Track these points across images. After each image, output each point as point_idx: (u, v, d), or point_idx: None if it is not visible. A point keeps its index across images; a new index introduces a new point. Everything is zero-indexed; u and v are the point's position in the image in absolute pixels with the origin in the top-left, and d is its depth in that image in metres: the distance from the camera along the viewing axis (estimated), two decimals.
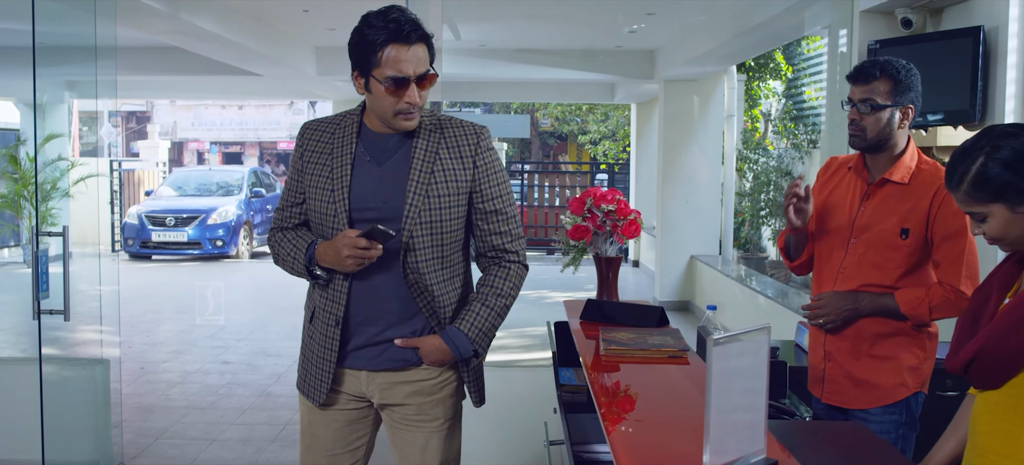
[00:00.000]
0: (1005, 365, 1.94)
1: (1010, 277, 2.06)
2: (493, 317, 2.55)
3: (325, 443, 2.62)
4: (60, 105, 13.50)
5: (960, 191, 1.98)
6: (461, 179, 2.49)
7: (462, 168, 2.49)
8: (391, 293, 2.48)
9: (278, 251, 2.61)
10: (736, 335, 1.67)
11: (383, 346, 2.51)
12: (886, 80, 2.71)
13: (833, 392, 2.91)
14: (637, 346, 2.60)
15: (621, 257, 3.32)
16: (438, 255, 2.49)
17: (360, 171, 2.49)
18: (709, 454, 1.64)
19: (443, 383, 2.57)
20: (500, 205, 2.54)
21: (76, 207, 11.71)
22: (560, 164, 24.09)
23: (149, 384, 6.73)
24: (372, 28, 2.40)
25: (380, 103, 2.42)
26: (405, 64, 2.37)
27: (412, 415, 2.56)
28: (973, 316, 2.06)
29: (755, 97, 11.33)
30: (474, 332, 2.52)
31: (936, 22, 4.62)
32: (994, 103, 4.03)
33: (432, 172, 2.46)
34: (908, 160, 2.76)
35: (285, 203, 2.63)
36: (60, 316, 4.05)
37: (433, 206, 2.45)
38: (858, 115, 2.75)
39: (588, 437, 2.73)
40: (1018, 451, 1.94)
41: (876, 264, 2.77)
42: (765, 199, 10.48)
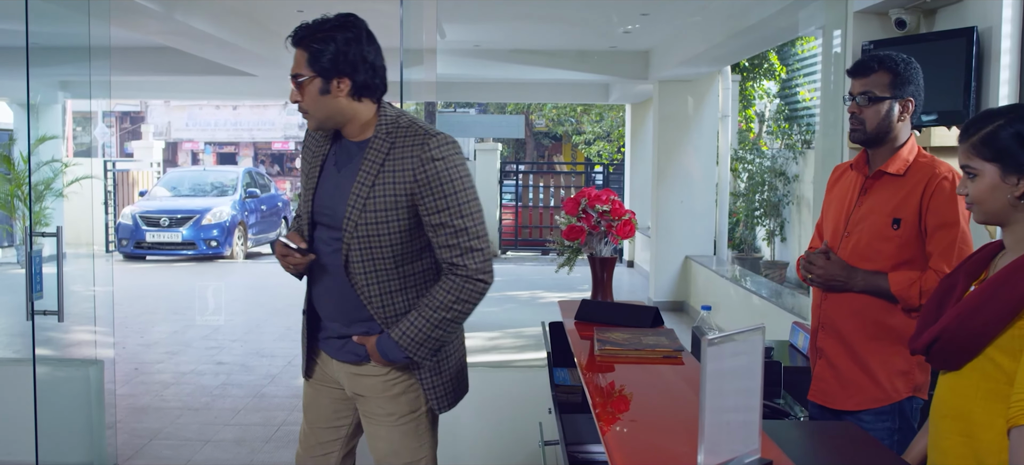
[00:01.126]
0: (966, 347, 1.99)
1: (979, 267, 2.12)
2: (428, 327, 2.55)
3: (312, 416, 2.82)
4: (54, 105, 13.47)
5: (967, 142, 2.05)
6: (400, 192, 2.49)
7: (404, 180, 2.49)
8: (341, 295, 2.61)
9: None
10: (730, 335, 1.68)
11: (346, 339, 2.66)
12: (884, 73, 2.74)
13: (819, 390, 2.92)
14: (632, 346, 2.61)
15: (616, 257, 3.33)
16: (375, 267, 2.55)
17: (326, 175, 2.62)
18: (704, 454, 1.64)
19: (392, 383, 2.65)
20: (446, 218, 2.49)
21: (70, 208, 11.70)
22: (555, 165, 24.10)
23: (143, 385, 6.72)
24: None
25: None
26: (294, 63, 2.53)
27: (372, 409, 2.69)
28: (939, 300, 2.12)
29: (749, 97, 11.36)
30: (405, 340, 2.55)
31: (930, 23, 4.64)
32: (987, 104, 4.04)
33: (373, 184, 2.50)
34: (906, 153, 2.78)
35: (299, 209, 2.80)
36: (54, 317, 4.05)
37: (370, 220, 2.50)
38: (858, 108, 2.77)
39: (583, 437, 2.74)
40: (978, 430, 1.99)
41: (868, 256, 2.78)
42: (760, 199, 10.50)
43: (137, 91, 18.60)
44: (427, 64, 4.54)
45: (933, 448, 2.14)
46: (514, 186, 16.98)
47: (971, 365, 2.00)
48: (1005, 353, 1.94)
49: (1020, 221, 2.00)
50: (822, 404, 2.92)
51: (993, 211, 2.03)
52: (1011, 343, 1.93)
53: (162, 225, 14.53)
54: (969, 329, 1.97)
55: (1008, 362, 1.93)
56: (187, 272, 13.58)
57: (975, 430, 2.00)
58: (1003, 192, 1.99)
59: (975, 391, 2.00)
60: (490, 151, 16.79)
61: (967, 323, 1.98)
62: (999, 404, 1.92)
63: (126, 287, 11.41)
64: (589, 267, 3.32)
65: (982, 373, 1.99)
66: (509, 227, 16.71)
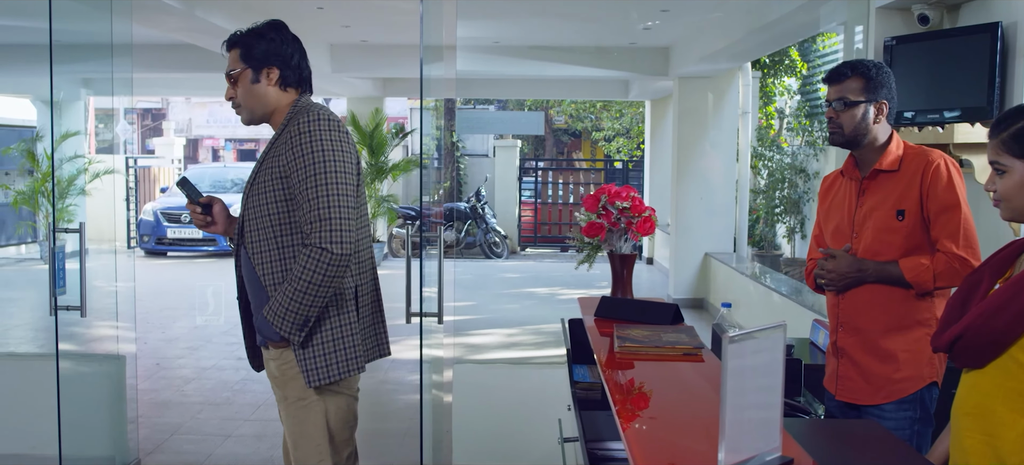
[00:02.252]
0: (990, 345, 1.98)
1: (1004, 264, 2.10)
2: (287, 301, 2.61)
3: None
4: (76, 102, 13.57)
5: (997, 138, 2.04)
6: (278, 168, 2.66)
7: (281, 157, 2.66)
8: (245, 277, 2.82)
9: None
10: (751, 333, 1.67)
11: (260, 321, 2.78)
12: (857, 78, 2.86)
13: (845, 389, 2.94)
14: (652, 343, 2.60)
15: (635, 254, 3.32)
16: (267, 243, 2.70)
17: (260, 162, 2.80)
18: (724, 452, 1.63)
19: (285, 365, 2.76)
20: (310, 194, 2.59)
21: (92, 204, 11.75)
22: (574, 161, 24.06)
23: (165, 380, 6.77)
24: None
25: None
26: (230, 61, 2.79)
27: (276, 392, 2.85)
28: (963, 298, 2.11)
29: (770, 94, 11.30)
30: (271, 314, 2.65)
31: (953, 18, 4.60)
32: (1012, 100, 4.00)
33: (265, 162, 2.71)
34: (895, 148, 2.88)
35: None
36: (77, 312, 4.08)
37: (257, 196, 2.70)
38: (834, 113, 2.89)
39: (602, 434, 2.73)
40: (1000, 429, 1.98)
41: (877, 251, 2.84)
42: (780, 196, 10.44)
43: (158, 88, 18.71)
44: (447, 61, 4.54)
45: (955, 446, 2.12)
46: (533, 183, 16.98)
47: (994, 364, 1.99)
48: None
49: None
50: (849, 402, 2.93)
51: (1021, 207, 2.02)
52: None
53: (183, 221, 14.61)
54: (993, 327, 1.96)
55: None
56: (208, 268, 13.66)
57: (997, 429, 1.99)
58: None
59: (997, 389, 1.99)
60: (509, 148, 16.80)
61: (991, 321, 1.96)
62: (1021, 402, 1.91)
63: (148, 283, 11.50)
64: (609, 264, 3.31)
65: (1005, 372, 1.97)
66: (528, 223, 16.71)
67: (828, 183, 3.13)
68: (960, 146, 4.16)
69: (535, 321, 9.32)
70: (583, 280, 10.25)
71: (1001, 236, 3.64)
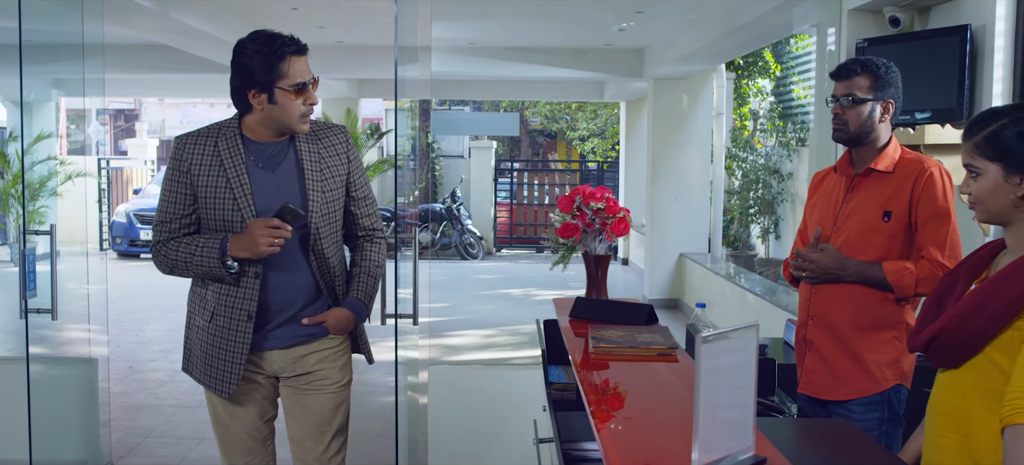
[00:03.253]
0: (965, 346, 2.00)
1: (979, 266, 2.12)
2: (375, 284, 2.98)
3: (244, 423, 2.93)
4: (47, 103, 13.44)
5: (970, 141, 2.05)
6: (341, 173, 2.87)
7: (340, 164, 2.87)
8: (303, 282, 2.82)
9: (175, 257, 2.80)
10: (725, 333, 1.68)
11: (295, 325, 2.84)
12: (866, 75, 2.84)
13: (809, 382, 2.95)
14: (626, 344, 2.61)
15: (610, 255, 3.33)
16: (336, 242, 2.90)
17: (256, 177, 2.76)
18: (698, 451, 1.64)
19: (342, 350, 2.96)
20: (367, 192, 2.97)
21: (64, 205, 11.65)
22: (549, 162, 24.09)
23: (138, 383, 6.72)
24: (269, 46, 2.68)
25: (285, 111, 2.71)
26: (305, 71, 2.72)
27: (317, 380, 2.90)
28: (939, 298, 2.13)
29: (744, 95, 11.36)
30: (366, 298, 2.94)
31: (924, 21, 4.64)
32: (981, 101, 4.05)
33: (321, 170, 2.82)
34: (892, 151, 2.87)
35: (170, 215, 2.80)
36: (48, 315, 4.04)
37: (329, 199, 2.83)
38: (841, 109, 2.87)
39: (577, 435, 2.74)
40: (975, 428, 2.00)
41: (858, 249, 2.83)
42: (754, 197, 10.51)
43: (131, 89, 18.55)
44: (422, 62, 4.53)
45: (929, 446, 2.14)
46: (509, 184, 16.98)
47: (969, 364, 2.01)
48: (1003, 353, 1.94)
49: (1022, 221, 2.01)
50: (812, 396, 2.94)
51: (995, 210, 2.03)
52: (1009, 343, 1.93)
53: None
54: (968, 328, 1.98)
55: (1006, 362, 1.93)
56: None
57: (971, 429, 2.01)
58: (1006, 192, 1.99)
59: (972, 390, 2.01)
60: (485, 149, 16.79)
61: (966, 322, 1.98)
62: (996, 403, 1.92)
63: (120, 285, 11.40)
64: (583, 265, 3.32)
65: (980, 372, 1.99)
66: (504, 224, 16.71)
67: (818, 179, 3.13)
68: (931, 147, 4.21)
69: (510, 322, 9.32)
70: (558, 281, 10.26)
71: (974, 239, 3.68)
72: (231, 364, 2.78)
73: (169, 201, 2.79)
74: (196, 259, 2.74)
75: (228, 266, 2.70)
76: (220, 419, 2.92)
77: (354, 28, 9.31)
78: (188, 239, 2.78)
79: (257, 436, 2.95)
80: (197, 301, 2.87)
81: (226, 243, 2.69)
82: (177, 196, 2.78)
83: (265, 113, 2.72)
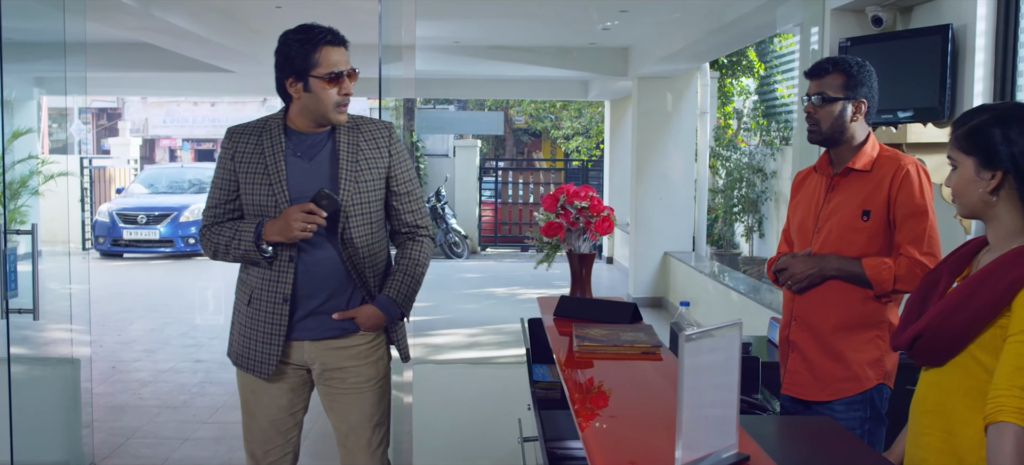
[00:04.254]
0: (948, 344, 2.01)
1: (962, 263, 2.14)
2: (414, 284, 2.98)
3: (269, 412, 2.96)
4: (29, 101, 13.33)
5: (954, 134, 2.07)
6: (380, 167, 2.90)
7: (379, 157, 2.91)
8: (331, 269, 2.85)
9: (217, 241, 2.89)
10: (708, 331, 1.68)
11: (324, 317, 2.88)
12: (838, 74, 2.83)
13: (792, 383, 2.95)
14: (610, 342, 2.61)
15: (595, 254, 3.33)
16: (370, 233, 2.90)
17: (292, 165, 2.84)
18: (681, 449, 1.65)
19: (376, 345, 2.98)
20: (411, 187, 2.98)
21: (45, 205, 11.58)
22: (534, 161, 24.09)
23: (121, 383, 6.68)
24: (305, 36, 2.78)
25: (320, 100, 2.79)
26: (340, 61, 2.80)
27: (350, 378, 2.94)
28: (922, 296, 2.14)
29: (728, 94, 11.39)
30: (400, 297, 2.94)
31: (906, 20, 4.67)
32: (963, 100, 4.07)
33: (357, 161, 2.86)
34: (870, 149, 2.86)
35: (216, 201, 2.92)
36: (29, 315, 4.01)
37: (363, 190, 2.86)
38: (813, 108, 2.86)
39: (562, 433, 2.74)
40: (960, 426, 2.02)
41: (839, 248, 2.84)
42: (738, 196, 10.54)
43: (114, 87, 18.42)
44: (406, 60, 4.53)
45: (913, 444, 2.15)
46: (494, 183, 16.97)
47: (953, 362, 2.02)
48: (987, 351, 1.96)
49: (999, 218, 2.02)
50: (796, 397, 2.95)
51: (969, 204, 2.05)
52: (992, 340, 1.94)
53: (139, 222, 14.42)
54: (952, 326, 1.99)
55: (990, 360, 1.94)
56: (165, 270, 13.50)
57: (956, 426, 2.02)
58: (977, 186, 2.01)
59: (957, 388, 2.02)
60: (469, 148, 16.78)
61: (950, 320, 1.99)
62: (980, 401, 1.93)
63: (103, 285, 11.33)
64: (568, 263, 3.32)
65: (964, 370, 2.00)
66: (489, 223, 16.71)
67: (800, 179, 3.12)
68: (913, 146, 4.23)
69: (495, 321, 9.32)
70: (543, 280, 10.27)
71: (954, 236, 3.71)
72: (269, 345, 2.86)
73: (217, 188, 2.91)
74: (234, 243, 2.84)
75: (263, 249, 2.79)
76: (247, 405, 3.00)
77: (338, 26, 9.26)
78: (230, 224, 2.89)
79: (280, 426, 2.98)
80: (239, 286, 2.97)
81: (261, 227, 2.79)
82: (223, 183, 2.90)
83: (302, 102, 2.81)
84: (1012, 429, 1.82)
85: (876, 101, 2.88)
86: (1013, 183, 1.98)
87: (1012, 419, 1.82)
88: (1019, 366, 1.86)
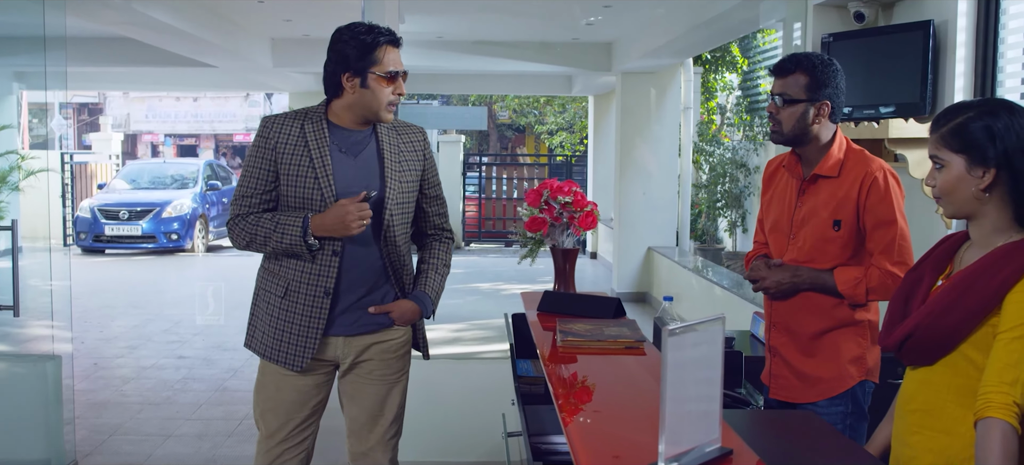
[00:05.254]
0: (938, 345, 2.02)
1: (943, 260, 2.14)
2: (441, 280, 3.11)
3: (291, 407, 2.96)
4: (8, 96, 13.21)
5: (936, 134, 2.05)
6: (417, 169, 3.00)
7: (416, 160, 3.00)
8: (372, 266, 2.92)
9: (254, 232, 2.87)
10: (692, 325, 1.69)
11: (360, 313, 2.93)
12: (801, 74, 2.77)
13: (779, 387, 2.95)
14: (594, 337, 2.62)
15: (578, 249, 3.33)
16: (406, 232, 3.00)
17: (338, 160, 2.87)
18: (665, 443, 1.65)
19: (405, 341, 3.06)
20: (439, 191, 3.11)
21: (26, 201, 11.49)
22: (518, 156, 24.10)
23: (103, 380, 6.64)
24: (367, 33, 2.80)
25: (376, 97, 2.83)
26: (398, 62, 2.86)
27: (377, 370, 3.00)
28: (905, 296, 2.14)
29: (711, 90, 11.42)
30: (433, 294, 3.06)
31: (887, 16, 4.68)
32: (944, 95, 4.09)
33: (400, 162, 2.94)
34: (836, 151, 2.81)
35: (251, 190, 2.89)
36: (9, 312, 3.99)
37: (404, 191, 2.94)
38: (775, 109, 2.81)
39: (546, 428, 2.75)
40: (950, 424, 2.02)
41: (814, 258, 2.82)
42: (721, 191, 10.57)
43: (95, 82, 18.33)
44: None
45: (900, 442, 2.15)
46: (477, 178, 16.96)
47: (943, 361, 2.02)
48: (977, 349, 1.96)
49: (986, 215, 2.02)
50: (783, 400, 2.94)
51: (958, 203, 2.04)
52: (983, 339, 1.95)
53: (121, 218, 14.34)
54: (943, 326, 1.99)
55: (980, 357, 1.95)
56: (147, 266, 13.43)
57: (946, 424, 2.02)
58: (969, 184, 2.00)
59: (946, 387, 2.02)
60: (453, 143, 16.76)
61: (940, 320, 1.99)
62: (970, 399, 1.94)
63: (85, 281, 11.27)
64: (552, 259, 3.32)
65: (954, 368, 2.01)
66: (472, 219, 16.69)
67: (771, 170, 3.07)
68: (894, 141, 4.25)
69: (479, 316, 9.32)
70: (527, 275, 10.27)
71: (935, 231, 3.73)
72: (306, 339, 2.88)
73: (252, 177, 2.89)
74: (276, 235, 2.83)
75: (310, 244, 2.81)
76: (272, 393, 2.96)
77: (321, 21, 9.24)
78: (268, 215, 2.87)
79: (299, 423, 2.98)
80: (269, 277, 2.95)
81: (308, 221, 2.80)
82: (260, 172, 2.88)
83: (356, 97, 2.83)
84: (999, 425, 1.83)
85: (842, 101, 2.82)
86: (1005, 179, 1.98)
87: (999, 415, 1.83)
88: (1008, 363, 1.87)
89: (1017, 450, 1.84)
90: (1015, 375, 1.86)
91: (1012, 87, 3.91)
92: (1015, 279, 1.92)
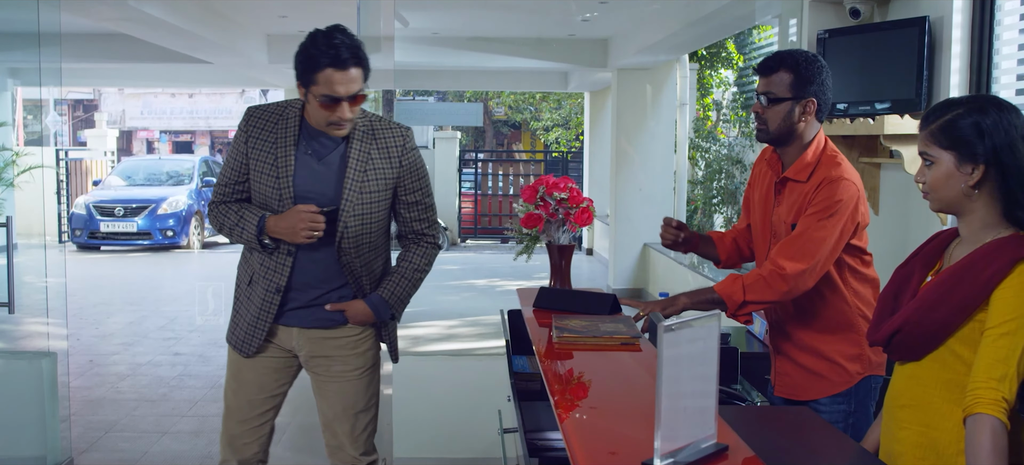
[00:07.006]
0: (927, 340, 2.02)
1: (933, 256, 2.14)
2: (409, 287, 3.05)
3: (250, 389, 3.05)
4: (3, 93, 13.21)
5: (926, 130, 2.05)
6: (389, 176, 2.94)
7: (390, 167, 2.93)
8: (327, 267, 2.92)
9: (223, 221, 2.96)
10: (687, 322, 1.69)
11: (315, 308, 2.96)
12: (785, 72, 2.71)
13: (783, 385, 2.94)
14: (590, 334, 2.62)
15: (574, 245, 3.33)
16: (367, 241, 2.94)
17: (302, 162, 2.88)
18: (660, 440, 1.65)
19: (363, 339, 3.04)
20: (420, 197, 3.02)
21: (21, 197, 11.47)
22: (514, 153, 24.09)
23: (98, 377, 6.64)
24: (316, 48, 2.72)
25: (315, 113, 2.80)
26: (339, 86, 2.72)
27: (336, 367, 3.02)
28: (895, 292, 2.14)
29: (707, 86, 11.43)
30: (392, 299, 3.02)
31: (883, 12, 4.69)
32: (939, 92, 4.09)
33: (365, 171, 2.88)
34: (810, 155, 2.74)
35: (227, 179, 2.96)
36: (4, 309, 3.98)
37: (365, 201, 2.89)
38: (761, 108, 2.77)
39: (541, 425, 2.74)
40: (938, 419, 2.03)
41: None
42: (717, 187, 10.58)
43: (90, 78, 18.28)
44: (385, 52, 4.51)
45: (889, 437, 2.16)
46: (473, 174, 16.96)
47: (931, 356, 2.03)
48: (965, 344, 1.97)
49: (974, 211, 2.02)
50: (789, 398, 2.93)
51: (947, 199, 2.04)
52: (971, 335, 1.96)
53: (117, 215, 14.32)
54: (931, 322, 2.00)
55: (968, 353, 1.96)
56: (143, 262, 13.41)
57: (934, 420, 2.03)
58: (957, 181, 2.01)
59: (935, 382, 2.03)
60: (449, 139, 16.75)
61: (929, 315, 2.00)
62: (958, 394, 1.95)
63: (80, 278, 11.25)
64: (547, 255, 3.32)
65: (941, 364, 2.01)
66: (468, 215, 16.70)
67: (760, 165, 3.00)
68: (890, 137, 4.25)
69: (475, 313, 9.32)
70: (523, 271, 10.26)
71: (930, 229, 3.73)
72: (255, 328, 2.97)
73: (229, 166, 2.95)
74: (238, 228, 2.91)
75: (265, 244, 2.87)
76: (234, 375, 3.08)
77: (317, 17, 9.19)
78: (236, 206, 2.93)
79: (257, 408, 3.05)
80: (242, 264, 3.05)
81: (264, 222, 2.84)
82: (235, 164, 2.93)
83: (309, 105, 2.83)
84: (989, 421, 1.84)
85: (829, 97, 2.75)
86: (993, 176, 1.98)
87: (989, 411, 1.84)
88: (997, 359, 1.87)
89: (1006, 446, 1.85)
90: (1003, 371, 1.86)
91: (1007, 83, 3.91)
92: (1003, 275, 1.92)
